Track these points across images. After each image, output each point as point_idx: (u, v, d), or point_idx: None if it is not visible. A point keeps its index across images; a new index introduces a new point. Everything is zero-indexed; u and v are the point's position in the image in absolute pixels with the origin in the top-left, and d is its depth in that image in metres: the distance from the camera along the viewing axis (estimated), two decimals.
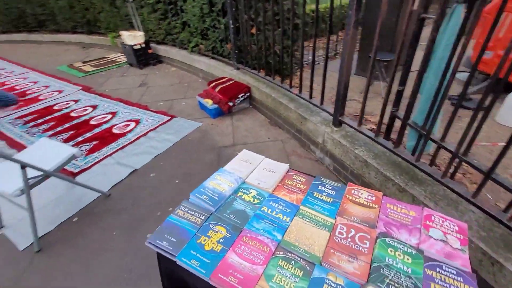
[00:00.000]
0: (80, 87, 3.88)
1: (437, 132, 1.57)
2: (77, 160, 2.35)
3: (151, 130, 2.75)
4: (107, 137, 2.66)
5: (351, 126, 1.86)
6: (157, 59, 4.71)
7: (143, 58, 4.49)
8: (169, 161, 2.29)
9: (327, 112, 2.06)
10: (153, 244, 0.75)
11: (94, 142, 2.59)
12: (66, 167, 2.24)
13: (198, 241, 0.74)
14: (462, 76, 3.14)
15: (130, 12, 4.42)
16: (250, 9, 2.57)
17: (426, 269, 0.66)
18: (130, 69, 4.57)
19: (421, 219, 0.79)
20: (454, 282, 0.63)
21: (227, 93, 2.82)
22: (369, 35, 3.34)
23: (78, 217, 1.83)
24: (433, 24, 1.23)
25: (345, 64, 1.71)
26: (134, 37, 4.32)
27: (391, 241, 0.73)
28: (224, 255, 0.71)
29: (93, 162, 2.31)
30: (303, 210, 0.84)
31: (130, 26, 4.82)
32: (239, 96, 2.88)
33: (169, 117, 2.96)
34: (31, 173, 1.52)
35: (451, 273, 0.65)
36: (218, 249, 0.73)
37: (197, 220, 0.81)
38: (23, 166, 1.44)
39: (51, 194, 1.99)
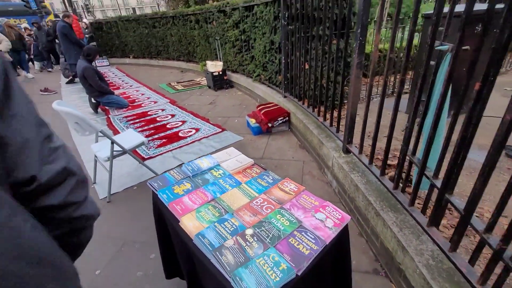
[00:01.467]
0: (169, 100, 5.09)
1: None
2: (149, 149, 3.22)
3: (204, 137, 3.46)
4: (173, 138, 3.51)
5: (354, 154, 2.04)
6: (230, 84, 5.68)
7: (218, 82, 5.52)
8: None
9: (340, 140, 2.28)
10: (150, 184, 1.26)
11: (164, 140, 3.46)
12: (140, 153, 3.12)
13: (172, 187, 1.22)
14: None
15: (217, 47, 5.59)
16: (298, 48, 3.06)
17: (295, 231, 0.94)
18: (208, 91, 5.66)
19: (317, 207, 1.05)
20: (306, 241, 0.90)
21: (268, 115, 3.32)
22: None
23: (137, 186, 2.57)
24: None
25: (351, 99, 1.98)
26: (215, 66, 5.40)
27: (283, 212, 1.03)
28: (182, 196, 1.16)
29: (157, 153, 3.12)
30: (242, 186, 1.21)
31: (216, 57, 6.02)
32: (278, 119, 3.33)
33: (221, 130, 3.64)
34: (116, 148, 2.33)
35: (310, 236, 0.91)
36: (180, 193, 1.18)
37: (178, 178, 1.29)
38: (112, 142, 2.26)
39: (127, 168, 2.84)
